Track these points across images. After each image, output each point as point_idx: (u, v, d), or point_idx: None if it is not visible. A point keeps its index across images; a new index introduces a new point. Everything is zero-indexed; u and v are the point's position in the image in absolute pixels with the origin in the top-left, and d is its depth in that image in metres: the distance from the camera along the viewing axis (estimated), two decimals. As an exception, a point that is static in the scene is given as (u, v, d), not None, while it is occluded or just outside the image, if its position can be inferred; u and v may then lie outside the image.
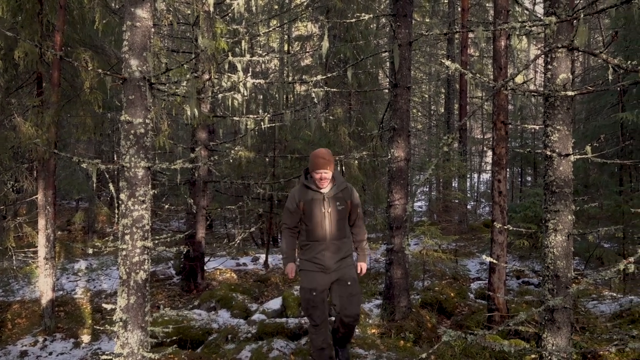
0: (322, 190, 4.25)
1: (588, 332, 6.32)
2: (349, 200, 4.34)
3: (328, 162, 4.19)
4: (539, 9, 21.75)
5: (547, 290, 3.68)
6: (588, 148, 3.47)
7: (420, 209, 21.81)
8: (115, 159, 14.38)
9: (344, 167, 10.32)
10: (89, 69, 3.92)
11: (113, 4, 9.29)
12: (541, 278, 3.67)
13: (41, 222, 7.46)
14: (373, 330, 6.52)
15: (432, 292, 8.17)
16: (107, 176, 3.85)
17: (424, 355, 2.22)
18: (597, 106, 12.81)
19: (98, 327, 4.04)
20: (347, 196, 4.33)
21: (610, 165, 10.64)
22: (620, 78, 9.06)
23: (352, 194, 4.37)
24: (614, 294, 8.16)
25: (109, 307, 3.77)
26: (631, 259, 2.76)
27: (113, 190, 3.74)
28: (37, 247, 7.72)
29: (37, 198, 7.67)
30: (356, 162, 10.31)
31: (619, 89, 9.69)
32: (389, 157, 6.75)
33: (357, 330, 6.12)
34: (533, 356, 5.25)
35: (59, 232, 12.98)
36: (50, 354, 6.88)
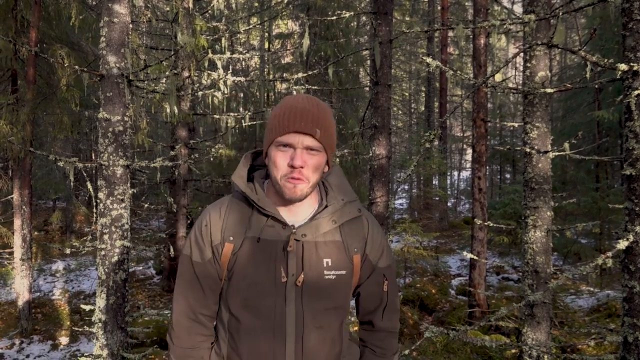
0: (285, 218, 1.42)
1: (567, 326, 6.43)
2: (358, 253, 1.50)
3: (318, 119, 1.37)
4: (517, 8, 22.01)
5: (527, 285, 3.73)
6: (566, 145, 3.52)
7: (402, 207, 21.91)
8: (93, 157, 14.16)
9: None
10: (66, 65, 3.85)
11: (90, 0, 9.14)
12: (521, 274, 3.71)
13: (17, 223, 7.31)
14: (356, 328, 6.54)
15: (414, 289, 8.22)
16: (85, 175, 3.78)
17: (406, 352, 2.22)
18: (573, 104, 13.02)
19: (77, 329, 3.96)
20: (358, 241, 1.50)
21: (587, 162, 10.82)
22: (596, 77, 9.21)
23: (371, 237, 1.53)
24: (592, 289, 8.31)
25: (87, 308, 3.71)
26: (608, 254, 2.80)
27: (91, 189, 3.67)
28: (12, 248, 7.56)
29: (12, 198, 7.52)
30: (338, 160, 10.30)
31: (595, 87, 9.85)
32: (370, 154, 6.76)
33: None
34: (513, 351, 5.31)
35: (36, 233, 12.74)
36: (28, 356, 6.75)
